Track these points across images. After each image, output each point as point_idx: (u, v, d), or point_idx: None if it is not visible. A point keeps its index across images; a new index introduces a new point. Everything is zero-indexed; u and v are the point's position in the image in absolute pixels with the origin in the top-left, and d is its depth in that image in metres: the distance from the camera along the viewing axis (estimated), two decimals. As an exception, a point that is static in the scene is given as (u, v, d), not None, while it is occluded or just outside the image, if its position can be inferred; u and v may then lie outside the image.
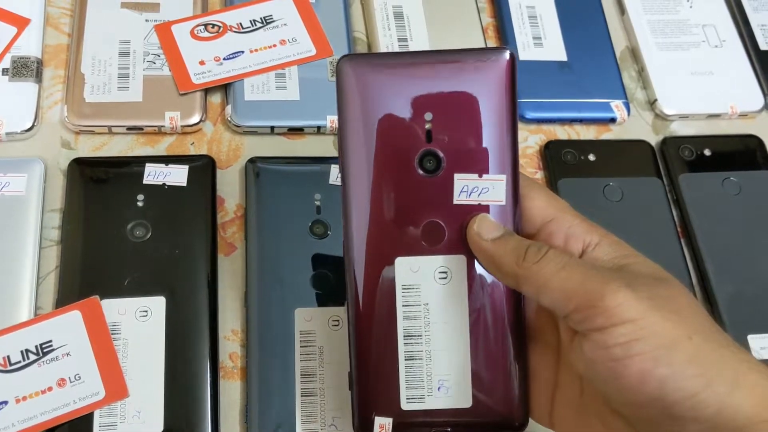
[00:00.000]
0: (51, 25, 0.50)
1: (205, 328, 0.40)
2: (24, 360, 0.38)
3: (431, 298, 0.32)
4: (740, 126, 0.53)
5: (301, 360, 0.40)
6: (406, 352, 0.32)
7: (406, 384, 0.33)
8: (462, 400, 0.33)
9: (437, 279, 0.32)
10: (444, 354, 0.33)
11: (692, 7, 0.56)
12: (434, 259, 0.32)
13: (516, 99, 0.32)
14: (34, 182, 0.43)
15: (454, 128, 0.32)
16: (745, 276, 0.46)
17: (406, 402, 0.33)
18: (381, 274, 0.32)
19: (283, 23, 0.50)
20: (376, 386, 0.33)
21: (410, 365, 0.32)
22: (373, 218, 0.32)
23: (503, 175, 0.32)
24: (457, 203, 0.32)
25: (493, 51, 0.32)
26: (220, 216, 0.45)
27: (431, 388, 0.33)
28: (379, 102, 0.32)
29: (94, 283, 0.40)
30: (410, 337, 0.32)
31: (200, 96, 0.47)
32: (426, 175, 0.32)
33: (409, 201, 0.32)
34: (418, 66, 0.32)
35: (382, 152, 0.32)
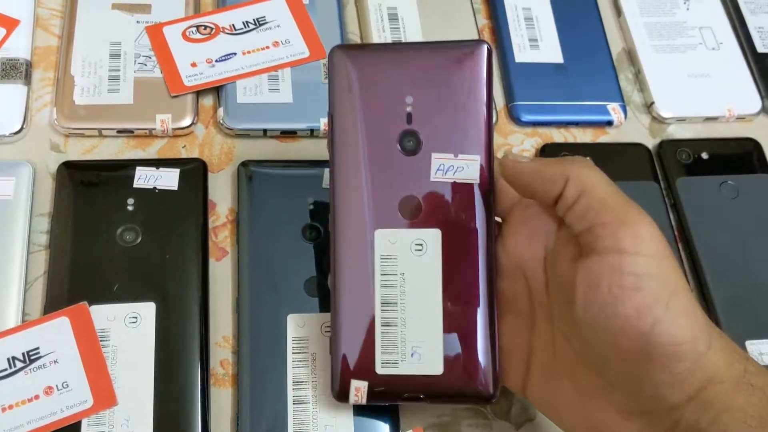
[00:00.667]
0: (41, 26, 0.49)
1: (196, 334, 0.39)
2: (10, 368, 0.37)
3: (407, 268, 0.35)
4: (738, 129, 0.52)
5: (294, 367, 0.39)
6: (382, 318, 0.35)
7: (381, 349, 0.35)
8: (433, 367, 0.35)
9: (413, 251, 0.35)
10: (418, 322, 0.35)
11: (689, 9, 0.56)
12: (411, 232, 0.35)
13: (491, 87, 0.35)
14: (23, 186, 0.42)
15: (433, 111, 0.35)
16: (743, 280, 0.45)
17: (381, 366, 0.35)
18: (361, 245, 0.35)
19: (276, 25, 0.49)
20: (354, 351, 0.35)
21: (386, 331, 0.35)
22: (355, 192, 0.35)
23: (477, 155, 0.35)
24: (433, 180, 0.35)
25: (471, 43, 0.35)
26: (211, 220, 0.44)
27: (405, 353, 0.35)
28: (365, 86, 0.35)
29: (83, 288, 0.40)
30: (387, 304, 0.35)
31: (192, 98, 0.46)
32: (406, 154, 0.35)
33: (389, 177, 0.35)
34: (402, 54, 0.36)
35: (366, 132, 0.35)
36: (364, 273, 0.35)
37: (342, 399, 0.36)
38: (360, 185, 0.35)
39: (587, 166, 0.32)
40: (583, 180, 0.31)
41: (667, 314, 0.29)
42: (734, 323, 0.44)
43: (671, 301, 0.29)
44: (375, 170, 0.35)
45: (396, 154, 0.35)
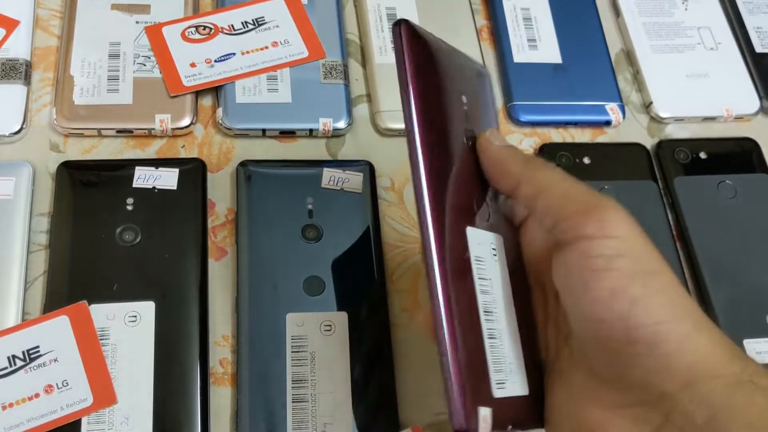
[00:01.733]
0: (40, 26, 0.49)
1: (195, 333, 0.40)
2: (11, 366, 0.37)
3: (492, 273, 0.31)
4: (735, 129, 0.53)
5: (293, 365, 0.39)
6: (487, 329, 0.30)
7: (493, 367, 0.29)
8: (521, 387, 0.30)
9: (491, 255, 0.31)
10: (509, 335, 0.30)
11: (687, 9, 0.56)
12: (489, 236, 0.31)
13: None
14: (22, 186, 0.42)
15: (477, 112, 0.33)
16: (741, 279, 0.45)
17: (496, 388, 0.29)
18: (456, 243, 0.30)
19: (275, 25, 0.49)
20: (470, 372, 0.28)
21: (492, 345, 0.30)
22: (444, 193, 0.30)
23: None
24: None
25: None
26: (210, 220, 0.44)
27: (507, 371, 0.30)
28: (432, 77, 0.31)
29: (83, 287, 0.40)
30: (488, 313, 0.30)
31: (191, 98, 0.47)
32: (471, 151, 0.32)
33: (467, 174, 0.31)
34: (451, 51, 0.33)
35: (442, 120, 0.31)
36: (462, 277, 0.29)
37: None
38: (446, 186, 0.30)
39: (542, 167, 0.31)
40: (538, 180, 0.31)
41: (645, 292, 0.28)
42: (732, 322, 0.44)
43: (647, 280, 0.28)
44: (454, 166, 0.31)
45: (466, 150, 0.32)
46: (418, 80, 0.30)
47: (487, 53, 0.53)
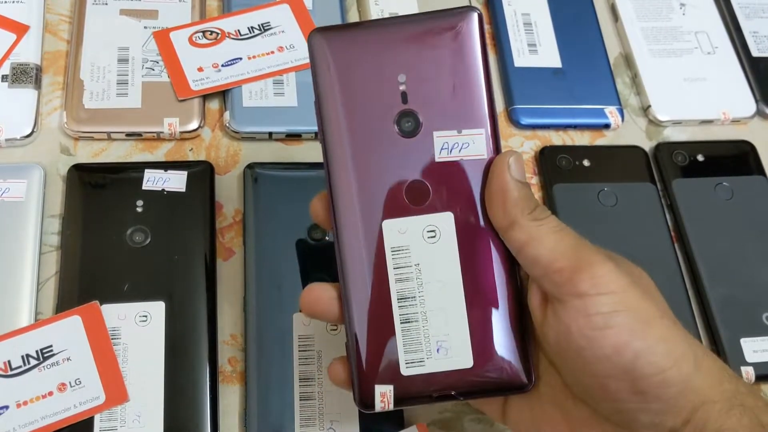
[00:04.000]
0: (50, 31, 0.50)
1: (204, 332, 0.40)
2: (25, 365, 0.38)
3: (422, 258, 0.32)
4: (732, 132, 0.54)
5: (300, 364, 0.40)
6: (401, 315, 0.32)
7: (404, 348, 0.32)
8: (462, 360, 0.32)
9: (426, 238, 0.32)
10: (440, 314, 0.32)
11: (685, 14, 0.57)
12: (421, 219, 0.32)
13: (487, 56, 0.33)
14: (34, 188, 0.43)
15: (428, 87, 0.32)
16: (738, 280, 0.46)
17: (405, 367, 0.32)
18: (370, 239, 0.32)
19: (281, 30, 0.50)
20: (375, 354, 0.32)
21: (406, 328, 0.32)
22: (356, 185, 0.32)
23: (482, 128, 0.32)
24: (438, 161, 0.32)
25: (460, 10, 0.33)
26: (218, 221, 0.45)
27: (430, 350, 0.32)
28: (351, 69, 0.32)
29: (94, 288, 0.41)
30: (404, 299, 0.32)
31: (198, 102, 0.47)
32: (405, 136, 0.32)
33: (390, 163, 0.32)
34: (387, 30, 0.33)
35: (359, 118, 0.32)
36: (376, 269, 0.32)
37: (367, 408, 0.33)
38: (359, 176, 0.32)
39: (538, 219, 0.31)
40: (530, 228, 0.31)
41: (646, 344, 0.29)
42: (729, 321, 0.45)
43: (647, 331, 0.29)
44: (374, 158, 0.32)
45: (394, 137, 0.32)
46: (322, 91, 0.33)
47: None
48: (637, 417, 0.30)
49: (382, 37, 0.33)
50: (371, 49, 0.32)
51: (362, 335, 0.32)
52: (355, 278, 0.32)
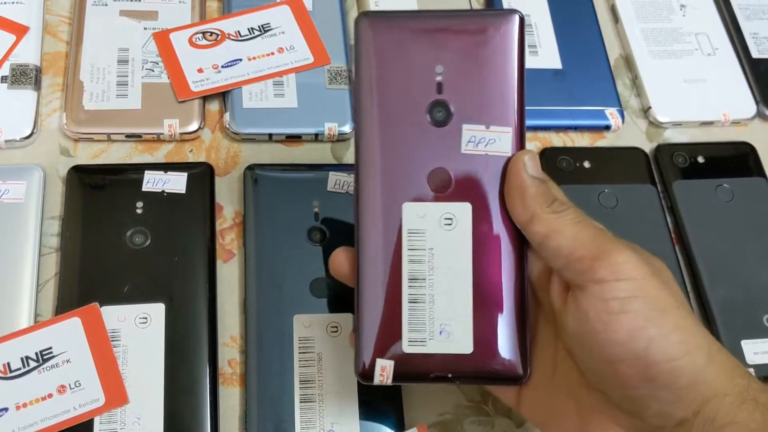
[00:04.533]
0: (49, 32, 0.50)
1: (204, 334, 0.40)
2: (24, 367, 0.38)
3: (436, 243, 0.33)
4: (733, 133, 0.54)
5: (300, 366, 0.40)
6: (410, 294, 0.33)
7: (408, 326, 0.33)
8: (463, 345, 0.33)
9: (443, 225, 0.34)
10: (446, 298, 0.33)
11: (685, 15, 0.57)
12: (440, 206, 0.34)
13: (524, 59, 0.34)
14: (33, 190, 0.43)
15: (463, 81, 0.33)
16: (738, 282, 0.46)
17: (407, 345, 0.33)
18: (389, 218, 0.33)
19: (281, 31, 0.50)
20: (379, 329, 0.33)
21: (413, 308, 0.33)
22: (382, 165, 0.34)
23: (509, 127, 0.34)
24: (464, 153, 0.33)
25: (503, 12, 0.35)
26: (218, 223, 0.45)
27: (433, 331, 0.33)
28: (391, 54, 0.34)
29: (94, 290, 0.41)
30: (414, 280, 0.33)
31: (198, 103, 0.47)
32: (435, 124, 0.34)
33: (418, 149, 0.33)
34: (431, 22, 0.34)
35: (394, 102, 0.34)
36: (391, 247, 0.33)
37: (366, 379, 0.34)
38: (387, 157, 0.34)
39: (559, 212, 0.32)
40: (551, 221, 0.32)
41: (660, 332, 0.29)
42: (730, 323, 0.45)
43: (662, 319, 0.30)
44: (403, 141, 0.34)
45: (425, 124, 0.34)
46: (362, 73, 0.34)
47: (488, 59, 0.53)
48: (647, 404, 0.30)
49: (425, 28, 0.34)
50: (413, 38, 0.34)
51: (370, 310, 0.33)
52: (370, 254, 0.34)
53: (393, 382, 0.34)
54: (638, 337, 0.29)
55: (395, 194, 0.34)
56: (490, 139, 0.33)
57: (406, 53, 0.34)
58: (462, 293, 0.33)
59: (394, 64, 0.34)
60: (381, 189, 0.34)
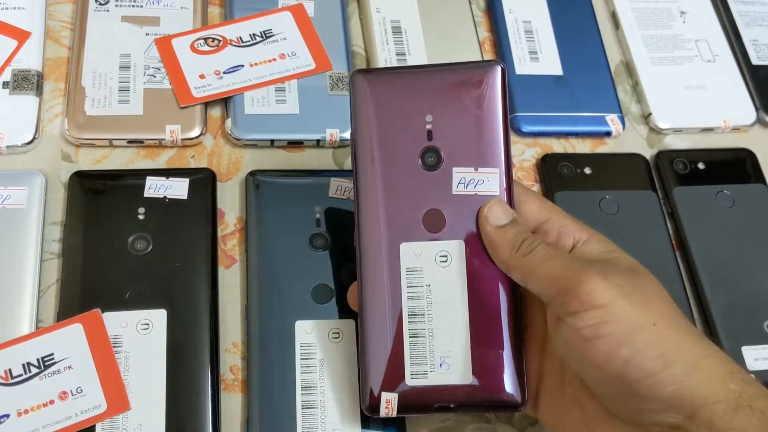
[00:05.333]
0: (51, 38, 0.50)
1: (206, 340, 0.40)
2: (25, 373, 0.38)
3: (433, 279, 0.36)
4: (733, 140, 0.54)
5: (302, 372, 0.40)
6: (410, 329, 0.36)
7: (410, 360, 0.35)
8: (463, 376, 0.35)
9: (438, 262, 0.36)
10: (445, 332, 0.35)
11: (685, 22, 0.57)
12: (436, 244, 0.36)
13: (507, 104, 0.36)
14: (35, 195, 0.43)
15: (452, 128, 0.36)
16: (739, 288, 0.46)
17: (410, 378, 0.35)
18: (388, 258, 0.36)
19: (283, 37, 0.50)
20: (383, 363, 0.35)
21: (414, 342, 0.35)
22: (380, 208, 0.36)
23: (496, 168, 0.36)
24: (455, 194, 0.36)
25: (486, 63, 0.37)
26: (220, 229, 0.45)
27: (434, 364, 0.35)
28: (385, 106, 0.36)
29: (96, 296, 0.40)
30: (414, 315, 0.36)
31: (200, 109, 0.47)
32: (428, 169, 0.36)
33: (412, 192, 0.36)
34: (420, 76, 0.37)
35: (388, 149, 0.36)
36: (391, 286, 0.36)
37: (372, 412, 0.36)
38: (384, 201, 0.36)
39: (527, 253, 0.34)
40: (523, 267, 0.34)
41: (633, 350, 0.31)
42: (730, 329, 0.45)
43: (635, 338, 0.31)
44: (399, 186, 0.36)
45: (418, 169, 0.36)
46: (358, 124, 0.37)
47: (489, 65, 0.54)
48: (639, 414, 0.32)
49: (415, 81, 0.37)
50: (404, 91, 0.37)
51: (373, 345, 0.36)
52: (371, 293, 0.36)
53: (398, 414, 0.35)
54: (613, 358, 0.31)
55: (393, 235, 0.36)
56: (479, 180, 0.36)
57: (397, 105, 0.36)
58: (460, 326, 0.35)
59: (387, 115, 0.36)
60: (380, 231, 0.36)
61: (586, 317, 0.32)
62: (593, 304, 0.31)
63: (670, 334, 0.31)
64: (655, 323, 0.31)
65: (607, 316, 0.31)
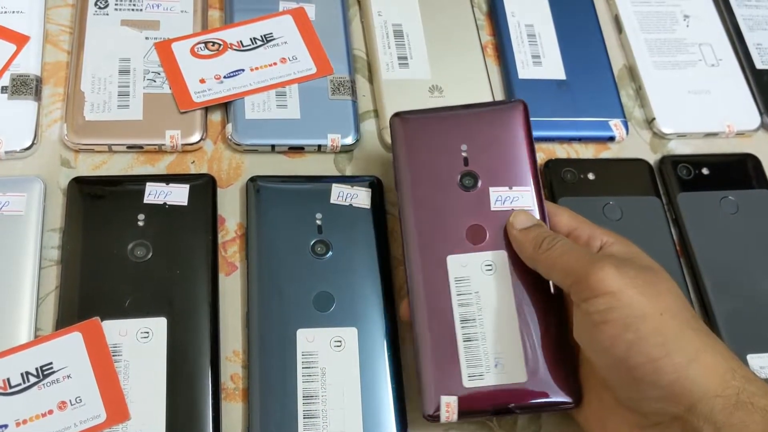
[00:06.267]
0: (50, 42, 0.49)
1: (207, 349, 0.40)
2: (24, 382, 0.37)
3: (481, 286, 0.39)
4: (737, 144, 0.53)
5: (304, 381, 0.40)
6: (463, 334, 0.38)
7: (466, 363, 0.38)
8: (517, 375, 0.38)
9: (484, 270, 0.39)
10: (497, 334, 0.38)
11: (689, 26, 0.57)
12: (480, 255, 0.40)
13: (531, 132, 0.42)
14: (34, 201, 0.43)
15: (485, 155, 0.41)
16: (744, 295, 0.46)
17: (467, 380, 0.38)
18: (436, 271, 0.39)
19: (284, 41, 0.50)
20: (439, 369, 0.38)
21: (468, 346, 0.38)
22: (426, 227, 0.40)
23: (528, 186, 0.41)
24: (494, 210, 0.41)
25: (512, 101, 0.43)
26: (220, 235, 0.44)
27: (488, 365, 0.38)
28: (423, 141, 0.42)
29: (95, 303, 0.40)
30: (466, 321, 0.39)
31: (201, 114, 0.47)
32: (466, 190, 0.41)
33: (454, 210, 0.41)
34: (450, 114, 0.43)
35: (430, 176, 0.41)
36: (441, 295, 0.39)
37: (433, 419, 0.37)
38: (429, 220, 0.40)
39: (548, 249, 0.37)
40: (545, 261, 0.37)
41: (637, 336, 0.33)
42: (735, 337, 0.44)
43: (639, 325, 0.33)
44: (441, 206, 0.40)
45: (458, 191, 0.41)
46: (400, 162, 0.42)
47: (492, 69, 0.53)
48: (642, 402, 0.34)
49: (447, 118, 0.42)
50: (439, 126, 0.42)
51: (428, 352, 0.38)
52: (423, 303, 0.39)
53: (459, 419, 0.37)
54: (618, 342, 0.33)
55: (440, 250, 0.40)
56: (514, 197, 0.41)
57: (434, 138, 0.42)
58: (510, 328, 0.38)
59: (425, 148, 0.42)
60: (427, 247, 0.40)
61: (596, 303, 0.34)
62: (603, 291, 0.34)
63: (674, 325, 0.33)
64: (662, 313, 0.33)
65: (615, 303, 0.33)
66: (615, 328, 0.33)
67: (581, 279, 0.35)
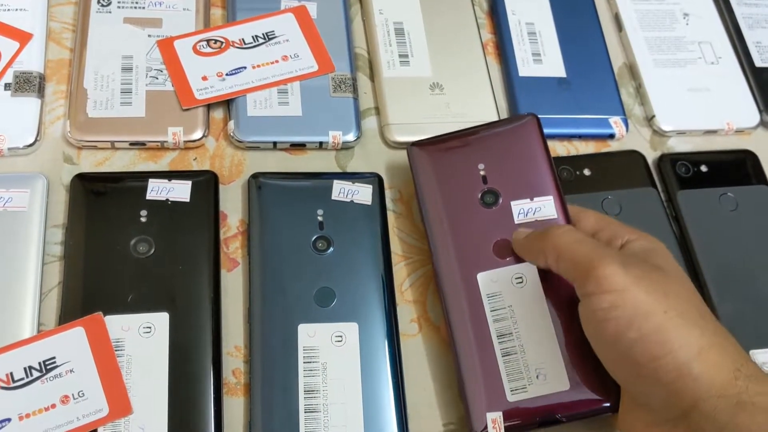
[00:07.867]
0: (53, 39, 0.50)
1: (209, 344, 0.40)
2: (27, 377, 0.38)
3: (513, 300, 0.39)
4: (736, 142, 0.54)
5: (305, 376, 0.40)
6: (501, 349, 0.39)
7: (507, 377, 0.38)
8: (560, 383, 0.38)
9: (515, 284, 0.40)
10: (535, 345, 0.38)
11: (688, 24, 0.57)
12: (509, 269, 0.40)
13: (546, 143, 0.43)
14: (37, 198, 0.43)
15: (503, 170, 0.42)
16: (744, 291, 0.46)
17: (511, 394, 0.38)
18: (467, 290, 0.40)
19: (285, 39, 0.50)
20: (482, 387, 0.38)
21: (507, 360, 0.38)
22: (453, 247, 0.41)
23: (550, 195, 0.41)
24: (518, 223, 0.41)
25: (524, 116, 0.44)
26: (222, 231, 0.45)
27: (530, 377, 0.38)
28: (441, 167, 0.43)
29: (98, 299, 0.40)
30: (502, 336, 0.39)
31: (203, 111, 0.47)
32: (488, 207, 0.42)
33: (479, 228, 0.41)
34: (464, 136, 0.43)
35: (452, 198, 0.42)
36: (475, 313, 0.39)
37: None
38: (455, 240, 0.41)
39: (558, 234, 0.37)
40: (556, 248, 0.37)
41: (640, 334, 0.33)
42: (736, 333, 0.43)
43: (642, 324, 0.33)
44: (466, 225, 0.41)
45: (480, 209, 0.41)
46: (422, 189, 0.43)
47: (492, 67, 0.53)
48: (649, 399, 0.34)
49: (461, 141, 0.43)
50: (455, 151, 0.43)
51: (469, 372, 0.38)
52: (459, 324, 0.39)
53: None
54: (622, 340, 0.33)
55: (469, 268, 0.40)
56: (537, 208, 0.41)
57: (451, 162, 0.42)
58: (548, 338, 0.38)
59: (445, 173, 0.42)
60: (456, 267, 0.40)
61: (601, 300, 0.34)
62: (608, 288, 0.34)
63: (678, 323, 0.33)
64: (666, 312, 0.33)
65: (619, 301, 0.33)
66: (618, 326, 0.33)
67: (587, 273, 0.35)
